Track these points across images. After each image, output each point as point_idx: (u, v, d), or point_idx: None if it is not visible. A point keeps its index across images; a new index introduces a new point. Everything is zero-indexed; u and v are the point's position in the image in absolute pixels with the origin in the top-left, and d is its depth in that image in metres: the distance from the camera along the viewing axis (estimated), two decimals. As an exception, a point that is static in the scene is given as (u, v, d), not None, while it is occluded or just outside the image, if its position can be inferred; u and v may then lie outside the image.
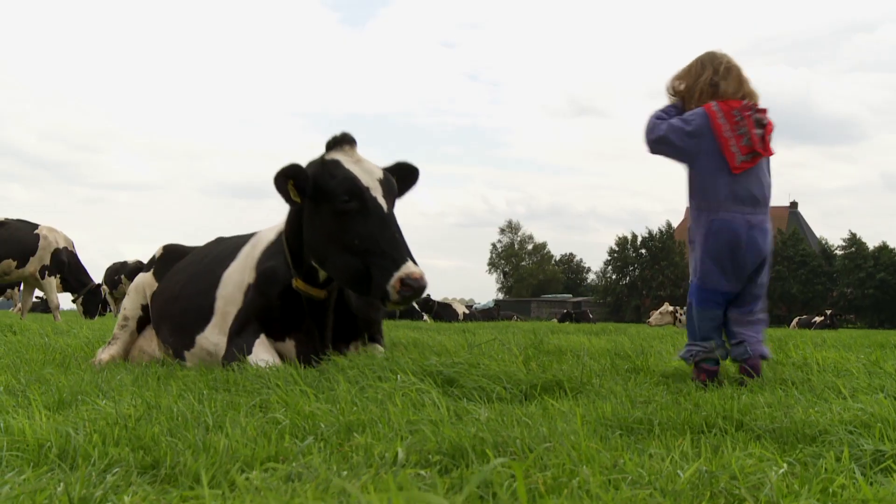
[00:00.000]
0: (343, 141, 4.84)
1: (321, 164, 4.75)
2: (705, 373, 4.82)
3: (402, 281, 4.32)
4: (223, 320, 5.29)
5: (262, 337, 5.05)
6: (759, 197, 4.85)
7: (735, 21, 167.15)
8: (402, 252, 4.47)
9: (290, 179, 4.69)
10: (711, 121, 4.82)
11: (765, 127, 4.86)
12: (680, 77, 5.15)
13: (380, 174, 4.76)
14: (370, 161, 4.82)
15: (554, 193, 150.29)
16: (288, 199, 4.76)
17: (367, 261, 4.48)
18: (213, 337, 5.31)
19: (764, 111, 4.90)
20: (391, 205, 4.71)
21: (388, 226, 4.57)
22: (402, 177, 5.04)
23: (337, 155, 4.78)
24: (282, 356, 5.04)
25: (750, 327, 4.93)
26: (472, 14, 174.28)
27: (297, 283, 5.00)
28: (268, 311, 5.11)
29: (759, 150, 4.79)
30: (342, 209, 4.58)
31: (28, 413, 3.18)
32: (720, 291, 4.92)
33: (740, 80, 4.99)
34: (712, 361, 4.88)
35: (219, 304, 5.36)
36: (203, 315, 5.43)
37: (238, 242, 5.74)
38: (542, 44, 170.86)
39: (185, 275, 5.88)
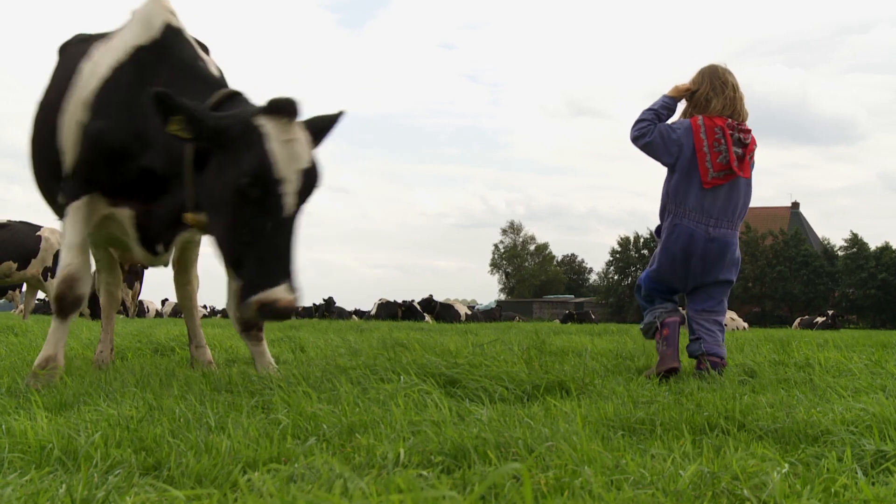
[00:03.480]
0: (283, 110, 3.90)
1: (244, 124, 3.85)
2: (668, 327, 5.20)
3: (263, 304, 3.67)
4: None
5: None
6: (725, 212, 5.15)
7: (733, 22, 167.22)
8: (281, 271, 3.76)
9: (178, 115, 3.84)
10: (693, 134, 5.13)
11: (746, 146, 5.14)
12: (694, 81, 5.37)
13: (305, 163, 3.88)
14: (304, 142, 3.92)
15: (554, 194, 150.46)
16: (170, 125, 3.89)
17: (246, 255, 3.81)
18: None
19: (748, 131, 5.17)
20: (300, 203, 3.90)
21: (282, 233, 3.82)
22: (320, 129, 4.21)
23: (268, 124, 3.85)
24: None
25: (707, 324, 5.25)
26: (471, 15, 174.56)
27: None
28: None
29: (734, 169, 5.08)
30: (242, 189, 3.77)
31: (30, 415, 3.18)
32: (668, 287, 5.41)
33: (732, 99, 5.24)
34: (675, 316, 5.30)
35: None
36: None
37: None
38: (541, 45, 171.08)
39: None
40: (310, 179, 3.91)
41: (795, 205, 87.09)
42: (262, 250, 3.78)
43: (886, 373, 4.93)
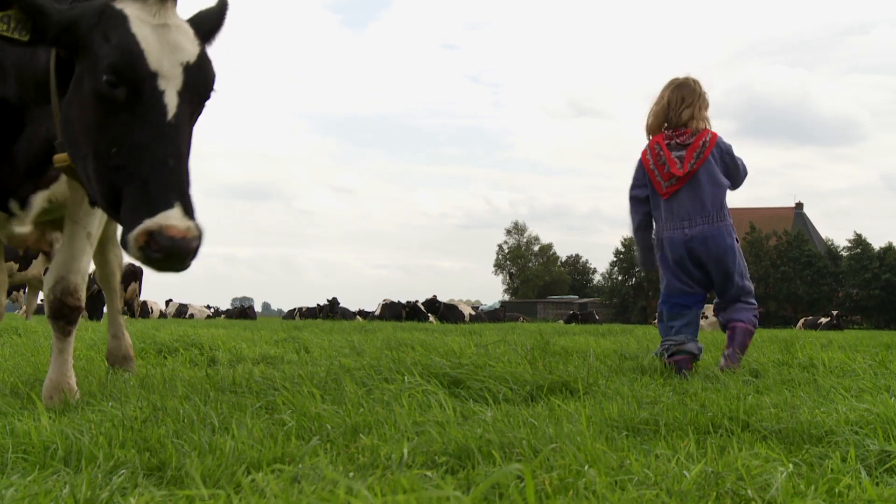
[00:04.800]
0: None
1: (99, 11, 2.95)
2: (676, 364, 5.38)
3: (151, 235, 2.69)
4: None
5: None
6: (695, 211, 5.49)
7: (733, 22, 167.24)
8: (168, 189, 2.79)
9: (8, 10, 2.93)
10: (643, 160, 5.67)
11: (687, 147, 5.49)
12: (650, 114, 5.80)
13: (190, 56, 2.95)
14: (186, 31, 3.02)
15: (556, 195, 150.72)
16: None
17: (123, 183, 2.85)
18: None
19: (684, 133, 5.51)
20: (191, 108, 2.99)
21: (166, 141, 2.85)
22: (207, 29, 3.28)
23: (130, 6, 2.93)
24: None
25: (741, 302, 5.68)
26: (472, 16, 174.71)
27: None
28: None
29: (675, 172, 5.48)
30: (104, 94, 2.85)
31: (33, 415, 3.18)
32: (686, 294, 5.61)
33: (662, 112, 5.65)
34: (683, 353, 5.44)
35: None
36: None
37: None
38: (542, 45, 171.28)
39: None
40: (198, 78, 2.98)
41: (799, 205, 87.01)
42: (142, 171, 2.80)
43: (890, 373, 4.92)
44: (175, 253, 2.71)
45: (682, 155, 5.46)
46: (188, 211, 2.77)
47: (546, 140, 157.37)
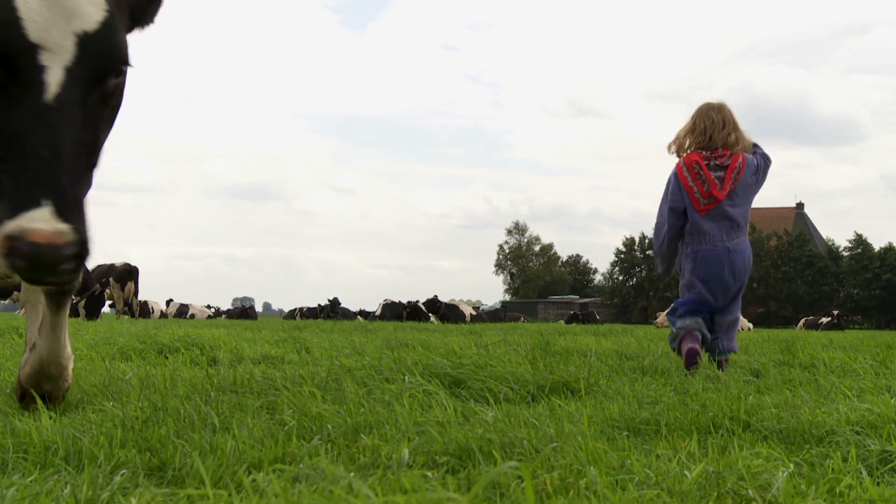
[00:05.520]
0: None
1: None
2: (689, 348, 5.73)
3: (11, 239, 2.24)
4: None
5: None
6: (732, 227, 5.92)
7: (733, 22, 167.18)
8: (36, 185, 2.33)
9: None
10: (679, 177, 6.01)
11: (726, 168, 5.89)
12: (678, 136, 6.21)
13: (88, 24, 2.47)
14: None
15: (556, 195, 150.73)
16: None
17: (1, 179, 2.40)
18: None
19: (724, 155, 5.92)
20: (84, 88, 2.48)
21: (41, 128, 2.38)
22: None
23: None
24: None
25: (731, 323, 6.02)
26: (472, 16, 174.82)
27: None
28: None
29: (715, 194, 5.87)
30: None
31: (34, 415, 3.18)
32: (705, 304, 5.98)
33: (703, 133, 6.01)
34: (697, 333, 5.85)
35: None
36: None
37: None
38: (542, 46, 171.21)
39: None
40: (98, 50, 2.49)
41: (800, 205, 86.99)
42: (11, 163, 2.37)
43: (891, 373, 4.93)
44: (39, 261, 2.25)
45: (722, 176, 5.90)
46: (62, 211, 2.29)
47: (546, 140, 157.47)
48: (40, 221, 2.24)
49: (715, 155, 5.94)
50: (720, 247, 5.89)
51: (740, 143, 5.95)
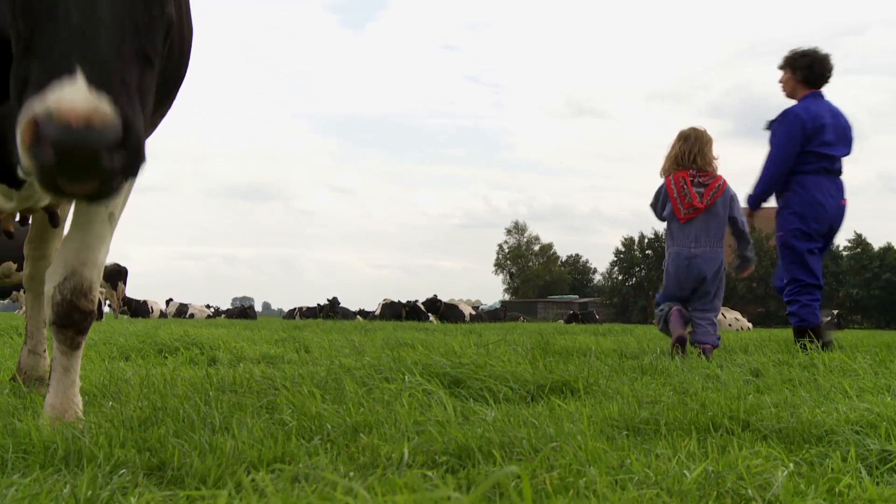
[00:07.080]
0: None
1: None
2: (672, 314, 7.02)
3: (37, 123, 1.78)
4: None
5: None
6: (701, 235, 7.03)
7: (733, 22, 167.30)
8: (67, 52, 1.90)
9: None
10: (668, 189, 7.13)
11: (707, 185, 7.01)
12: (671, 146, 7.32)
13: None
14: None
15: (556, 195, 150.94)
16: None
17: (31, 64, 1.96)
18: None
19: (707, 175, 7.06)
20: None
21: (81, 8, 1.97)
22: None
23: None
24: None
25: (702, 317, 7.01)
26: (472, 16, 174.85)
27: None
28: None
29: (696, 205, 6.99)
30: None
31: (34, 415, 3.18)
32: (677, 298, 7.23)
33: (688, 155, 7.10)
34: (680, 308, 7.09)
35: None
36: None
37: None
38: (542, 46, 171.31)
39: None
40: None
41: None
42: (36, 37, 1.98)
43: (891, 373, 4.92)
44: (73, 150, 1.75)
45: (702, 192, 7.00)
46: (100, 81, 1.84)
47: (546, 140, 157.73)
48: (73, 93, 1.80)
49: (700, 174, 7.07)
50: (685, 252, 7.01)
51: (711, 166, 7.09)
